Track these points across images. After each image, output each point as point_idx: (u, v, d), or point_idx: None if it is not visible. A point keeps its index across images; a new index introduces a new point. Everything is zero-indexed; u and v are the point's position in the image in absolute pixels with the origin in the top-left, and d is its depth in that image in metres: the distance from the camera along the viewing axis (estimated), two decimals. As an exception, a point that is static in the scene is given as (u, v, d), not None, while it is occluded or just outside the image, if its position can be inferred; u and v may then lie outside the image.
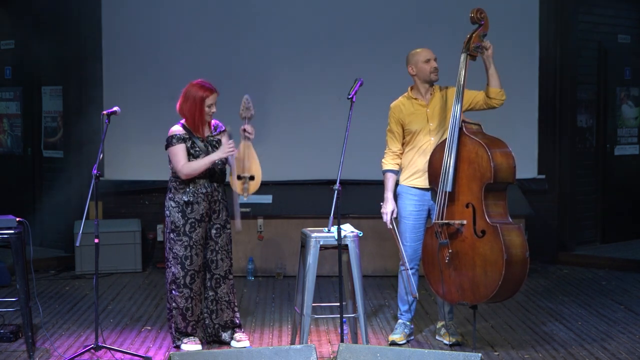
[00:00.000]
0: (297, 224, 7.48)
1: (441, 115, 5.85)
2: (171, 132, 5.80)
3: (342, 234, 5.34)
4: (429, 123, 5.86)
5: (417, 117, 5.87)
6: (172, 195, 5.81)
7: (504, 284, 5.41)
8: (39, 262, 8.35)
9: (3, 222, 5.63)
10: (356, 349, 4.15)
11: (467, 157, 5.56)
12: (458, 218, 5.55)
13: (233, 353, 4.22)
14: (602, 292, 7.57)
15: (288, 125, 8.79)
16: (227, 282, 5.94)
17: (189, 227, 5.76)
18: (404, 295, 5.99)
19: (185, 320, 5.80)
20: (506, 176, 5.54)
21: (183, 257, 5.76)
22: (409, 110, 5.90)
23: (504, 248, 5.38)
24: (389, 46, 8.66)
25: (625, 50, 9.60)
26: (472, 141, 5.56)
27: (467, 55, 5.68)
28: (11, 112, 9.52)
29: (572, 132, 9.08)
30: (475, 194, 5.51)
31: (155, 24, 8.77)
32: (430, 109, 5.87)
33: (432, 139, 5.84)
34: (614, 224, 9.52)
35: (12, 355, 5.65)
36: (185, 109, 5.78)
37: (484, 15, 5.70)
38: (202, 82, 5.82)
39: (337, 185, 5.20)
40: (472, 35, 5.69)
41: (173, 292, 5.80)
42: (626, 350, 5.74)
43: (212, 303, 5.92)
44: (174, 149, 5.76)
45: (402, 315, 6.03)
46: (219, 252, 5.89)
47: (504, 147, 5.58)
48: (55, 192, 9.00)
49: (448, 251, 5.55)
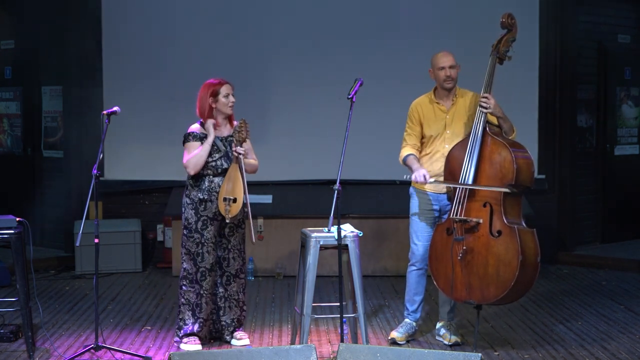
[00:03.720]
0: (297, 224, 7.47)
1: (460, 123, 5.83)
2: (189, 130, 5.86)
3: (342, 234, 5.34)
4: (446, 130, 5.84)
5: (435, 122, 5.85)
6: (188, 192, 5.86)
7: (515, 285, 5.41)
8: (39, 262, 8.35)
9: (3, 222, 5.63)
10: (356, 349, 4.15)
11: (489, 157, 5.57)
12: (475, 216, 5.55)
13: (233, 353, 4.21)
14: (602, 292, 7.57)
15: (288, 125, 8.79)
16: (238, 280, 5.96)
17: (201, 224, 5.79)
18: (412, 295, 5.98)
19: (194, 316, 5.81)
20: (525, 179, 5.56)
21: (195, 254, 5.80)
22: (429, 113, 5.88)
23: (519, 249, 5.38)
24: (390, 46, 8.67)
25: (625, 50, 9.59)
26: (495, 142, 5.57)
27: (496, 58, 5.73)
28: (11, 112, 9.51)
29: (572, 132, 9.08)
30: (494, 194, 5.51)
31: (155, 24, 8.77)
32: (450, 115, 5.85)
33: (446, 146, 5.82)
34: (614, 224, 9.51)
35: (12, 355, 5.65)
36: (201, 109, 5.84)
37: (514, 22, 5.80)
38: (211, 80, 5.90)
39: (337, 185, 5.20)
40: (501, 39, 5.77)
41: (184, 287, 5.82)
42: (626, 350, 5.74)
43: (221, 300, 5.94)
44: (187, 145, 5.82)
45: (409, 315, 6.02)
46: (231, 251, 5.92)
47: (525, 151, 5.61)
48: (55, 192, 9.01)
49: (462, 247, 5.54)
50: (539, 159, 8.91)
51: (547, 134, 8.95)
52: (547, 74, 8.91)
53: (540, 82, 8.88)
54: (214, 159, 5.80)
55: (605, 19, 9.38)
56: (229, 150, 5.82)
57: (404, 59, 8.60)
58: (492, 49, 5.77)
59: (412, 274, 5.97)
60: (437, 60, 5.85)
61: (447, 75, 5.80)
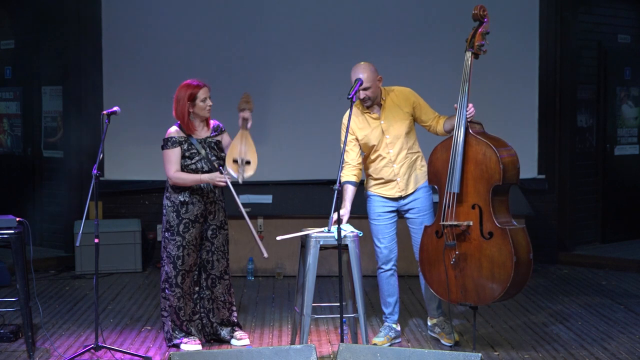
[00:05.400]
0: (297, 224, 7.46)
1: (396, 126, 5.75)
2: (167, 134, 5.82)
3: (342, 234, 5.34)
4: (385, 136, 5.76)
5: (372, 132, 5.76)
6: (169, 195, 5.83)
7: (511, 286, 5.40)
8: (39, 262, 8.35)
9: (3, 222, 5.63)
10: (356, 349, 4.15)
11: (474, 158, 5.49)
12: (464, 219, 5.51)
13: (233, 353, 4.22)
14: (602, 292, 7.57)
15: (288, 126, 8.79)
16: (223, 282, 5.95)
17: (182, 227, 5.77)
18: (385, 297, 5.95)
19: (179, 318, 5.82)
20: (512, 177, 5.52)
21: (175, 257, 5.78)
22: (362, 124, 5.78)
23: (513, 250, 5.36)
24: (389, 46, 8.67)
25: (625, 50, 9.59)
26: (478, 142, 5.49)
27: (472, 54, 5.59)
28: (11, 112, 9.52)
29: (572, 132, 9.07)
30: (482, 196, 5.46)
31: (155, 24, 8.77)
32: (383, 120, 5.76)
33: (390, 151, 5.76)
34: (614, 224, 9.51)
35: (12, 355, 5.65)
36: (178, 111, 5.80)
37: (486, 13, 5.62)
38: (189, 81, 5.84)
39: (337, 185, 5.20)
40: (474, 32, 5.60)
41: (166, 290, 5.82)
42: (626, 350, 5.74)
43: (208, 302, 5.94)
44: (167, 153, 5.77)
45: (387, 318, 6.00)
46: (215, 253, 5.90)
47: (508, 147, 5.53)
48: (55, 192, 9.01)
49: (455, 253, 5.51)
50: (539, 159, 8.91)
51: (547, 134, 8.95)
52: (547, 74, 8.91)
53: (540, 82, 8.88)
54: (194, 162, 5.77)
55: (605, 19, 9.38)
56: (208, 152, 5.80)
57: (405, 59, 8.60)
58: (466, 44, 5.59)
59: (381, 277, 5.92)
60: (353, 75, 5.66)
61: (360, 97, 5.66)
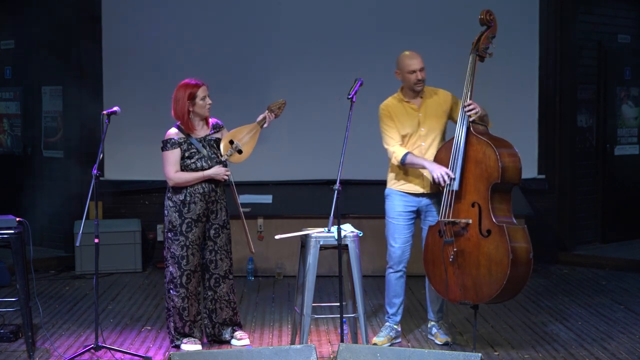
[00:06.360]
0: (297, 224, 7.46)
1: (433, 120, 5.79)
2: (167, 136, 5.82)
3: (342, 234, 5.34)
4: (420, 128, 5.79)
5: (408, 120, 5.80)
6: (170, 195, 5.82)
7: (508, 284, 5.41)
8: (39, 262, 8.35)
9: (3, 222, 5.63)
10: (356, 349, 4.15)
11: (474, 157, 5.55)
12: (463, 217, 5.54)
13: (233, 353, 4.22)
14: (602, 292, 7.57)
15: (288, 125, 8.77)
16: (227, 281, 5.94)
17: (185, 226, 5.76)
18: (391, 297, 5.96)
19: (182, 320, 5.81)
20: (512, 177, 5.55)
21: (179, 257, 5.77)
22: (400, 112, 5.82)
23: (509, 248, 5.38)
24: (390, 46, 8.64)
25: (625, 50, 9.60)
26: (479, 141, 5.55)
27: (476, 56, 5.69)
28: (11, 112, 9.52)
29: (572, 132, 9.08)
30: (482, 194, 5.50)
31: (155, 24, 8.76)
32: (422, 112, 5.81)
33: (422, 144, 5.78)
34: (614, 224, 9.52)
35: (12, 355, 5.65)
36: (178, 111, 5.80)
37: (493, 17, 5.72)
38: (187, 80, 5.85)
39: (337, 185, 5.20)
40: (480, 36, 5.71)
41: (171, 291, 5.81)
42: (626, 350, 5.74)
43: (211, 302, 5.93)
44: (166, 155, 5.77)
45: (389, 318, 6.00)
46: (218, 252, 5.90)
47: (511, 147, 5.59)
48: (55, 192, 9.00)
49: (453, 250, 5.54)
50: (539, 159, 8.92)
51: (547, 134, 8.95)
52: (547, 74, 8.91)
53: (540, 82, 8.88)
54: (194, 161, 5.77)
55: (605, 19, 9.38)
56: (208, 151, 5.81)
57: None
58: (472, 46, 5.71)
59: (390, 277, 5.93)
60: (407, 64, 5.74)
61: (418, 79, 5.73)
